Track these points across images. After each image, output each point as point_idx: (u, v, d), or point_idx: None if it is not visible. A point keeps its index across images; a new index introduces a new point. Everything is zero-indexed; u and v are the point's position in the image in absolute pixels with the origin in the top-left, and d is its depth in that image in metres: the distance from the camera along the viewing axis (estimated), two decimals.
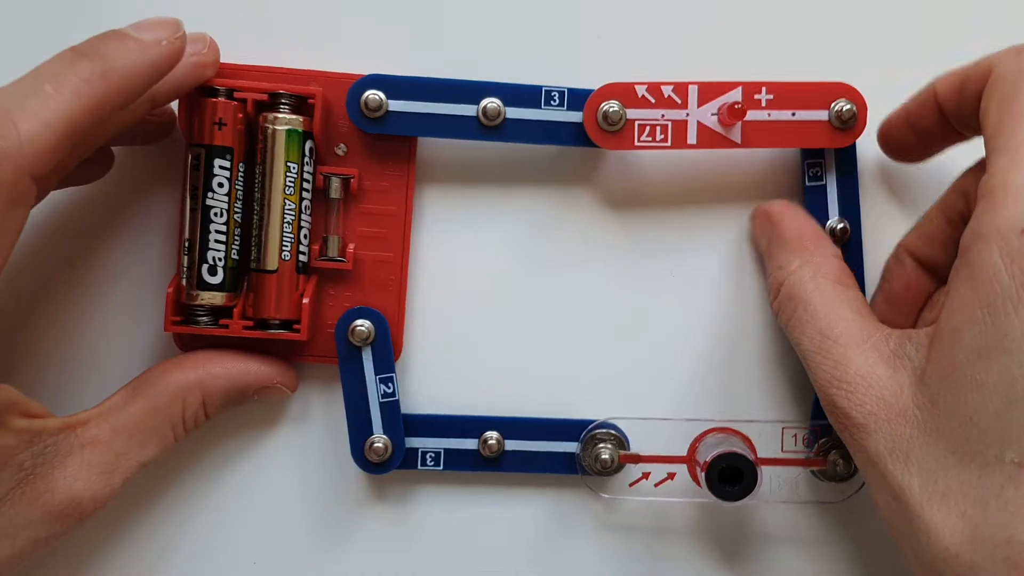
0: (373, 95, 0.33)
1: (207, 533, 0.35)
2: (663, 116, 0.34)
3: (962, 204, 0.32)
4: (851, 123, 0.34)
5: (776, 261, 0.33)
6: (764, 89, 0.34)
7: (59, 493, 0.29)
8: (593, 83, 0.34)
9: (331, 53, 0.35)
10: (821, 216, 0.35)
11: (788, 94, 0.34)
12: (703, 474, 0.32)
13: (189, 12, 0.32)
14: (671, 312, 0.36)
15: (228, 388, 0.33)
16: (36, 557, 0.29)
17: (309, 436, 0.36)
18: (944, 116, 0.32)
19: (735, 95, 0.34)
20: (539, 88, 0.34)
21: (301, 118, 0.33)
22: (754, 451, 0.34)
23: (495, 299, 0.36)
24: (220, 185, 0.33)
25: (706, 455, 0.33)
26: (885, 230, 0.36)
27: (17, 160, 0.25)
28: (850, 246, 0.35)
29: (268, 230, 0.33)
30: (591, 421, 0.35)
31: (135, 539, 0.35)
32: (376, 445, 0.34)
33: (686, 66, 0.36)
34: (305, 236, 0.34)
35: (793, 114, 0.34)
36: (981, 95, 0.29)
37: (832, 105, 0.34)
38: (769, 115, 0.34)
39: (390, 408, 0.34)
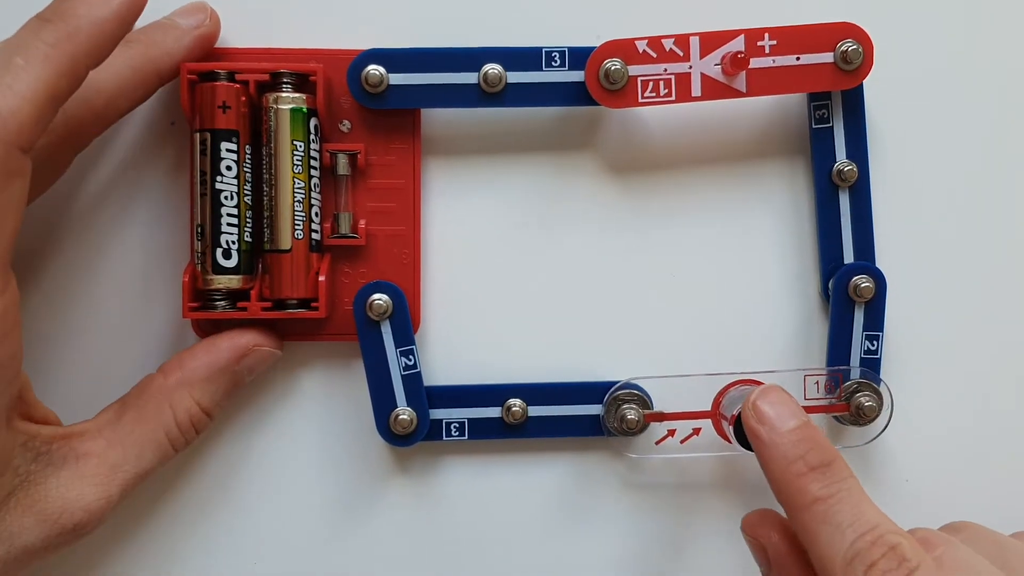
0: (373, 70, 0.33)
1: (229, 516, 0.35)
2: (666, 70, 0.34)
3: None
4: (857, 64, 0.34)
5: None
6: (767, 35, 0.34)
7: (51, 502, 0.29)
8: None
9: (329, 30, 0.35)
10: (828, 158, 0.35)
11: (792, 38, 0.34)
12: (731, 428, 0.32)
13: None
14: (684, 269, 0.36)
15: (209, 375, 0.33)
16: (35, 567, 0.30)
17: (330, 414, 0.36)
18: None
19: (737, 44, 0.33)
20: (539, 49, 0.34)
21: (304, 96, 0.33)
22: None
23: (509, 268, 0.36)
24: (228, 168, 0.33)
25: (731, 408, 0.32)
26: (893, 172, 0.36)
27: (2, 136, 0.25)
28: (858, 188, 0.35)
29: (279, 210, 0.33)
30: (613, 383, 0.35)
31: (155, 526, 0.35)
32: (402, 417, 0.34)
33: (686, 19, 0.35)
34: (316, 214, 0.34)
35: (798, 58, 0.34)
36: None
37: (837, 46, 0.34)
38: (773, 61, 0.34)
39: (412, 380, 0.34)
